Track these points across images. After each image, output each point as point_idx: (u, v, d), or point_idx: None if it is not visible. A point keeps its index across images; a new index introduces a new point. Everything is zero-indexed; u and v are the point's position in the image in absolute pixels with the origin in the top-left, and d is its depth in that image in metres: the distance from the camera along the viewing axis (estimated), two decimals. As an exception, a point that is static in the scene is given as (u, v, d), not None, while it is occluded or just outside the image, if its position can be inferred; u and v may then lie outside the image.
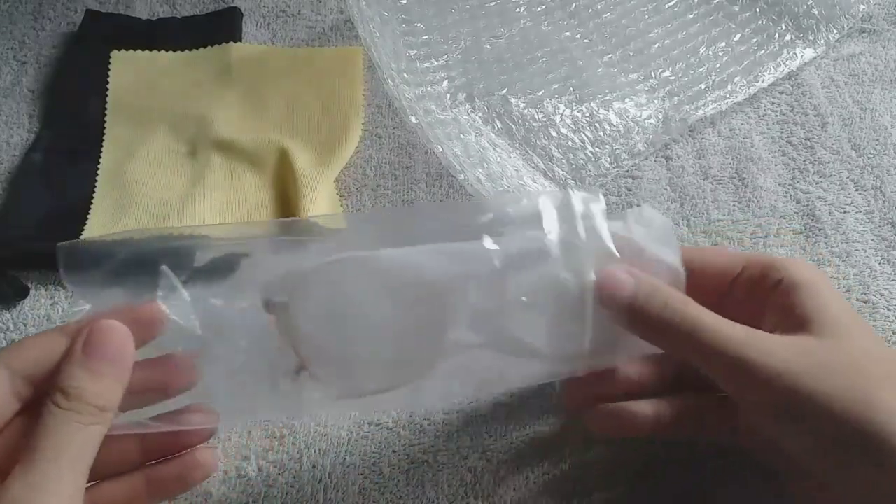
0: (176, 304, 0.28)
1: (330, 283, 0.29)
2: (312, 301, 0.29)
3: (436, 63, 0.50)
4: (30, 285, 0.42)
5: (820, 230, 0.43)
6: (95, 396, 0.25)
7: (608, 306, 0.29)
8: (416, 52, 0.51)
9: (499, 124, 0.47)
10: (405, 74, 0.47)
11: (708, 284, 0.31)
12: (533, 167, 0.45)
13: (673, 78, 0.50)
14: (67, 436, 0.24)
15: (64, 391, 0.25)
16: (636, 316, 0.28)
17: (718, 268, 0.31)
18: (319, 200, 0.44)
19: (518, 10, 0.55)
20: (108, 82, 0.51)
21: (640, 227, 0.31)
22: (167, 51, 0.54)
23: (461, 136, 0.45)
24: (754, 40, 0.52)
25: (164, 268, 0.28)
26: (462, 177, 0.42)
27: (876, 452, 0.24)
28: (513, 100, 0.48)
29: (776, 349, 0.26)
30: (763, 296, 0.29)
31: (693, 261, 0.31)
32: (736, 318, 0.27)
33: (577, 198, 0.30)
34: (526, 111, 0.48)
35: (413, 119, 0.43)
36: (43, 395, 0.25)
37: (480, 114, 0.48)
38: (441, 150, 0.42)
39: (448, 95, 0.48)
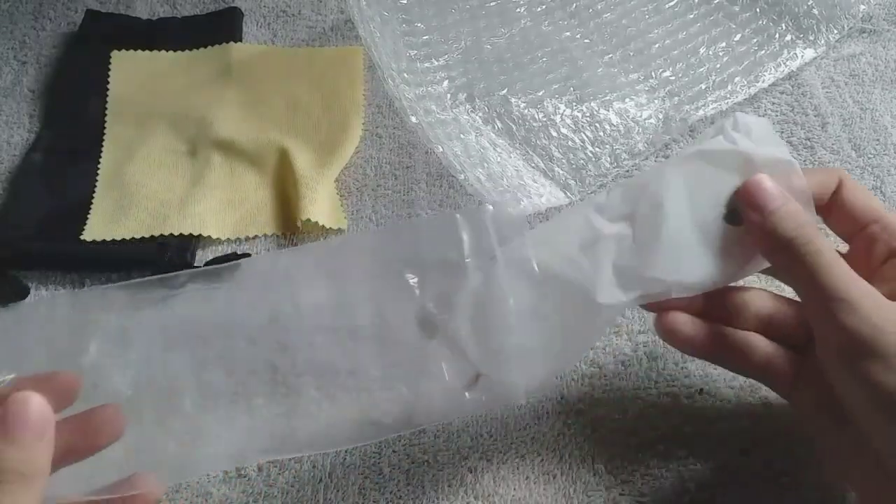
0: (108, 367, 0.28)
1: (473, 294, 0.29)
2: (464, 316, 0.29)
3: (436, 63, 0.50)
4: (30, 285, 0.42)
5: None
6: (22, 464, 0.25)
7: (748, 213, 0.29)
8: (416, 52, 0.50)
9: (499, 124, 0.47)
10: (405, 74, 0.47)
11: (844, 219, 0.31)
12: (533, 167, 0.45)
13: (673, 78, 0.50)
14: None
15: None
16: (769, 230, 0.29)
17: (857, 210, 0.31)
18: (319, 201, 0.44)
19: (518, 10, 0.55)
20: (108, 82, 0.51)
21: (740, 135, 0.30)
22: (167, 51, 0.54)
23: (461, 136, 0.45)
24: (755, 40, 0.52)
25: (95, 335, 0.29)
26: (462, 177, 0.42)
27: None
28: (513, 100, 0.48)
29: (886, 307, 0.27)
30: (875, 254, 0.30)
31: (844, 196, 0.31)
32: (850, 261, 0.28)
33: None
34: (526, 111, 0.48)
35: (413, 119, 0.43)
36: None
37: (481, 114, 0.47)
38: (441, 150, 0.42)
39: (448, 95, 0.48)
